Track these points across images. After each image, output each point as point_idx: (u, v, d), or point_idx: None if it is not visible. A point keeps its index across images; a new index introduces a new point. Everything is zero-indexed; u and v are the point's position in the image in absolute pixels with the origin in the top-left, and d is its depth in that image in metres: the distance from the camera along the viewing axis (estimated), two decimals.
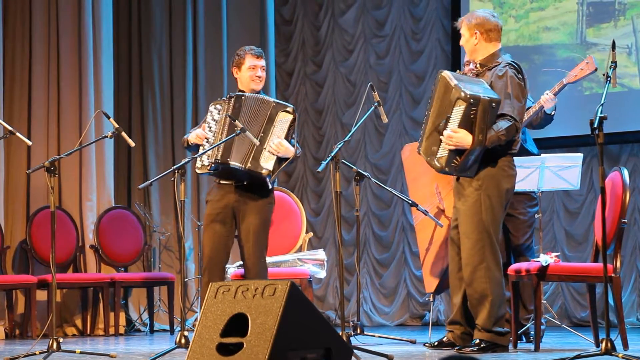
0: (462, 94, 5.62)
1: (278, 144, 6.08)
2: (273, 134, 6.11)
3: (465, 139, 5.63)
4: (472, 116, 5.62)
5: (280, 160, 6.15)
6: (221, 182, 6.29)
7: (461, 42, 6.02)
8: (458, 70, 6.08)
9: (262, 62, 6.33)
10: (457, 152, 5.67)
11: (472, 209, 5.73)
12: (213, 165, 6.11)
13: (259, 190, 6.23)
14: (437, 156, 5.74)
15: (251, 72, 6.30)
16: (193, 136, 6.25)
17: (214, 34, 9.69)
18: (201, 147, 6.19)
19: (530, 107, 6.70)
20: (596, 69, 6.48)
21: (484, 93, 5.65)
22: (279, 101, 6.26)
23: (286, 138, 6.13)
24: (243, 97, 6.17)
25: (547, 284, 8.56)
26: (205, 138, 6.18)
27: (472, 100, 5.61)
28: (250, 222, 6.22)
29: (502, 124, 5.66)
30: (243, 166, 6.07)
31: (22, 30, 8.90)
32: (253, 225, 6.22)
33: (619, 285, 5.85)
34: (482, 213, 5.71)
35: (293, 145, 6.19)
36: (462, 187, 5.82)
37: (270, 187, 6.24)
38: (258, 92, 6.31)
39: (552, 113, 6.74)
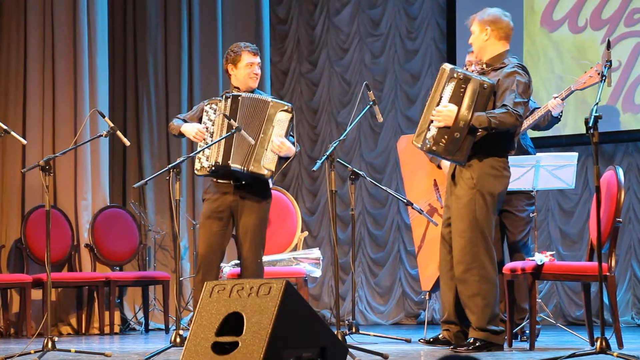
0: (455, 74, 5.65)
1: (280, 143, 6.04)
2: (273, 133, 6.06)
3: (452, 113, 5.62)
4: (461, 93, 5.62)
5: (281, 160, 6.12)
6: (218, 180, 6.25)
7: (470, 40, 5.95)
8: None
9: (259, 60, 6.27)
10: (445, 132, 5.66)
11: (466, 208, 5.72)
12: (213, 168, 6.08)
13: (257, 189, 6.20)
14: (427, 135, 5.73)
15: (248, 69, 6.22)
16: (191, 130, 6.15)
17: (209, 33, 9.68)
18: (198, 146, 6.17)
19: (535, 108, 6.74)
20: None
21: (479, 77, 5.65)
22: (277, 100, 6.19)
23: (285, 136, 6.10)
24: (240, 98, 6.09)
25: (542, 283, 8.57)
26: (203, 139, 6.13)
27: (462, 76, 5.63)
28: (248, 221, 6.18)
29: (497, 110, 5.66)
30: (244, 168, 6.03)
31: (17, 29, 8.89)
32: (251, 224, 6.18)
33: (614, 284, 5.87)
34: (476, 212, 5.70)
35: (293, 144, 6.15)
36: (456, 186, 5.82)
37: (270, 186, 6.23)
38: (252, 90, 6.26)
39: (559, 116, 6.80)
